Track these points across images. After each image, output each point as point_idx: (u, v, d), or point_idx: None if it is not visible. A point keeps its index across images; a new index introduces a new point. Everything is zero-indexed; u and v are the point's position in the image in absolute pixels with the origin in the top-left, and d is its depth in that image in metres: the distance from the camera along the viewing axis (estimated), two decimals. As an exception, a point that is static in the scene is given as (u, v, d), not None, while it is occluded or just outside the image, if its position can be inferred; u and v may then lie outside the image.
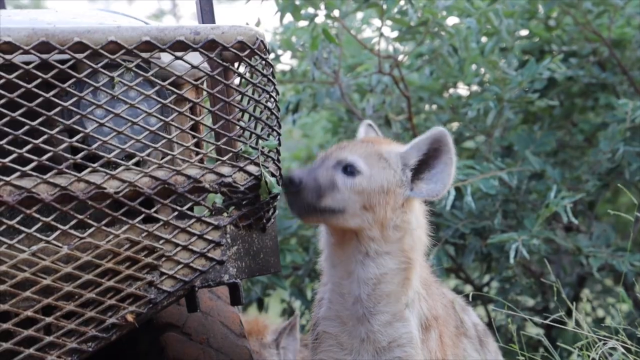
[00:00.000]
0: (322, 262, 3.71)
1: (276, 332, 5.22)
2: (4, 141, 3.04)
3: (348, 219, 3.46)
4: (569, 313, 4.35)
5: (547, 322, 4.07)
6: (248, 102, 3.68)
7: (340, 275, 3.56)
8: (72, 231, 3.18)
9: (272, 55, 6.36)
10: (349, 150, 3.54)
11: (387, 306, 3.52)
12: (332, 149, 3.62)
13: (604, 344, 3.76)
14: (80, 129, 3.21)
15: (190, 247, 3.42)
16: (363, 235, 3.48)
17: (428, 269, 3.77)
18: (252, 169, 3.56)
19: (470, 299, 4.28)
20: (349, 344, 3.59)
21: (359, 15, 6.96)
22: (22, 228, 3.08)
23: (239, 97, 3.64)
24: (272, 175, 3.62)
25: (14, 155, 3.05)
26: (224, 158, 3.52)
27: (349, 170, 3.46)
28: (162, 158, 3.41)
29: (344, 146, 3.60)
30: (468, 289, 6.66)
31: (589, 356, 3.75)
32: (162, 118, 3.37)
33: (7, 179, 3.04)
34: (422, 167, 3.52)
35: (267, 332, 5.23)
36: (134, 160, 3.31)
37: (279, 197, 3.68)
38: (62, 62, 3.16)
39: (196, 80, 3.53)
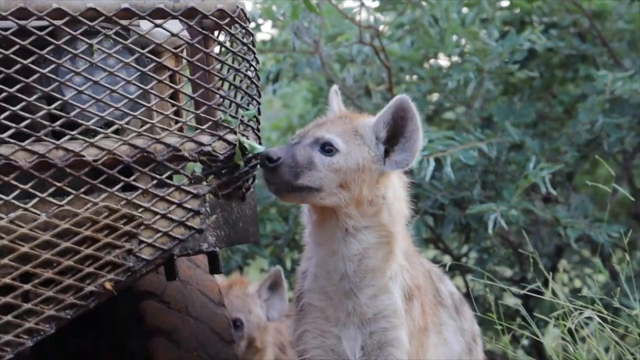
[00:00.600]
0: (306, 237, 3.73)
1: (258, 285, 5.30)
2: (-18, 108, 3.02)
3: (325, 197, 3.46)
4: (546, 284, 4.38)
5: (524, 292, 4.09)
6: (228, 71, 3.67)
7: (325, 252, 3.57)
8: (50, 199, 3.17)
9: (252, 24, 6.34)
10: (327, 128, 3.53)
11: (372, 280, 3.55)
12: (310, 126, 3.61)
13: (580, 313, 3.79)
14: (59, 96, 3.20)
15: (169, 215, 3.42)
16: (340, 213, 3.49)
17: (409, 240, 3.79)
18: (231, 137, 3.56)
19: (448, 269, 4.30)
20: (335, 316, 3.62)
21: (340, -16, 6.94)
22: (0, 195, 3.07)
23: (218, 66, 3.63)
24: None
25: (-8, 122, 3.03)
26: (204, 127, 3.51)
27: (327, 148, 3.45)
28: (141, 126, 3.40)
29: (321, 123, 3.59)
30: (447, 259, 6.69)
31: (565, 325, 3.78)
32: (142, 86, 3.36)
33: (-15, 146, 3.02)
34: (392, 139, 3.51)
35: (250, 285, 5.30)
36: (112, 128, 3.30)
37: (257, 165, 3.68)
38: (41, 28, 3.14)
39: (176, 48, 3.51)
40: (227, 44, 3.64)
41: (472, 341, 4.26)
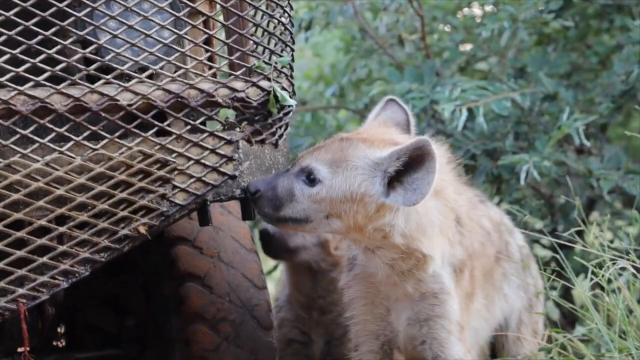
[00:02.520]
0: None
1: None
2: (18, 50, 3.03)
3: (316, 227, 3.43)
4: (578, 235, 4.36)
5: (560, 241, 4.07)
6: (262, 17, 3.65)
7: (365, 258, 3.62)
8: (85, 142, 3.19)
9: (285, -28, 6.30)
10: (317, 155, 3.44)
11: (412, 276, 3.53)
12: (303, 153, 3.54)
13: (614, 263, 3.77)
14: (94, 40, 3.20)
15: (202, 161, 3.43)
16: (348, 238, 3.51)
17: (463, 206, 3.70)
18: (265, 84, 3.55)
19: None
20: (387, 293, 3.65)
21: None
22: (36, 138, 3.10)
23: (252, 12, 3.61)
24: (284, 89, 3.60)
25: (28, 65, 3.04)
26: (237, 73, 3.50)
27: (311, 177, 3.38)
28: (175, 71, 3.40)
29: (316, 148, 3.51)
30: (477, 210, 6.66)
31: (603, 275, 3.76)
32: (176, 31, 3.35)
33: (21, 88, 3.03)
34: (403, 172, 3.33)
35: None
36: (147, 73, 3.30)
37: (291, 112, 3.68)
38: (76, -28, 3.14)
39: (210, -7, 3.50)
40: (262, -10, 3.62)
41: (534, 297, 4.26)
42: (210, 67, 3.52)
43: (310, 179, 3.38)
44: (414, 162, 3.29)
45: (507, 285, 4.02)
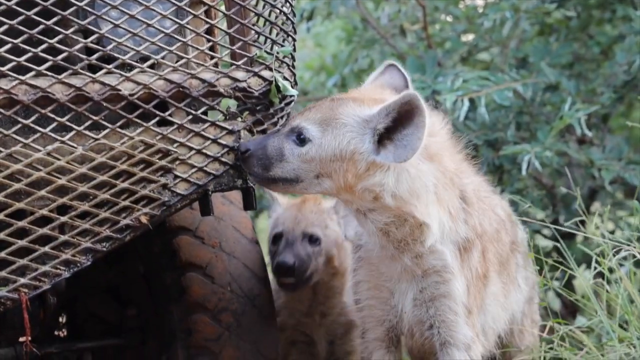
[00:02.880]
0: None
1: (335, 201, 4.83)
2: (19, 40, 3.03)
3: (306, 187, 3.41)
4: (579, 225, 4.36)
5: (564, 228, 4.06)
6: (263, 7, 3.64)
7: (358, 223, 3.60)
8: (86, 132, 3.19)
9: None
10: (307, 115, 3.42)
11: (409, 247, 3.49)
12: (295, 114, 3.53)
13: (616, 253, 3.77)
14: (95, 29, 3.20)
15: (204, 151, 3.43)
16: (339, 198, 3.48)
17: (470, 185, 3.66)
18: (266, 74, 3.55)
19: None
20: (388, 273, 3.63)
21: None
22: (37, 127, 3.10)
23: (254, 1, 3.61)
24: (286, 79, 3.60)
25: (29, 55, 3.05)
26: (239, 62, 3.50)
27: (301, 137, 3.36)
28: (177, 61, 3.40)
29: (303, 110, 3.48)
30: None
31: (604, 263, 3.76)
32: (177, 21, 3.35)
33: (23, 78, 3.04)
34: (392, 129, 3.31)
35: (324, 201, 4.89)
36: (148, 63, 3.30)
37: (293, 102, 3.67)
38: (77, -39, 3.14)
39: (212, -17, 3.50)
40: (263, -21, 3.62)
41: (532, 289, 4.25)
42: (212, 57, 3.51)
43: (300, 139, 3.36)
44: (403, 118, 3.28)
45: (520, 276, 4.01)
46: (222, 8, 3.62)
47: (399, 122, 3.29)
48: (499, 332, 3.92)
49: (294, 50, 3.76)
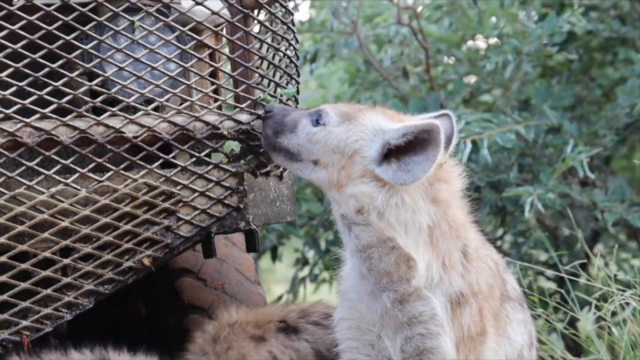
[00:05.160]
0: None
1: None
2: (24, 82, 3.05)
3: (302, 169, 3.35)
4: (582, 267, 4.36)
5: (565, 270, 4.05)
6: (267, 50, 3.67)
7: (341, 235, 3.43)
8: (90, 174, 3.20)
9: (291, 4, 6.34)
10: (335, 105, 3.40)
11: (392, 285, 3.33)
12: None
13: (619, 296, 3.76)
14: (100, 72, 3.22)
15: (207, 193, 3.44)
16: (328, 196, 3.37)
17: (474, 241, 3.50)
18: (270, 117, 3.56)
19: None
20: (370, 315, 3.42)
21: (379, -35, 6.93)
22: (41, 170, 3.11)
23: (258, 45, 3.63)
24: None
25: (34, 97, 3.06)
26: (243, 105, 3.52)
27: (318, 119, 3.33)
28: (181, 104, 3.42)
29: (340, 102, 3.47)
30: (482, 242, 6.66)
31: (605, 307, 3.74)
32: (182, 64, 3.37)
33: (27, 120, 3.05)
34: (404, 150, 3.21)
35: None
36: (152, 105, 3.32)
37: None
38: (83, 4, 3.16)
39: (216, 26, 3.52)
40: (267, 23, 3.65)
41: (532, 332, 4.16)
42: (216, 100, 3.53)
43: (315, 120, 3.33)
44: (417, 144, 3.20)
45: (510, 328, 3.90)
46: (227, 51, 3.65)
47: (412, 146, 3.21)
48: None
49: (297, 92, 3.78)
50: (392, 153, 3.23)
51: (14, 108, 3.04)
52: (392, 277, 3.32)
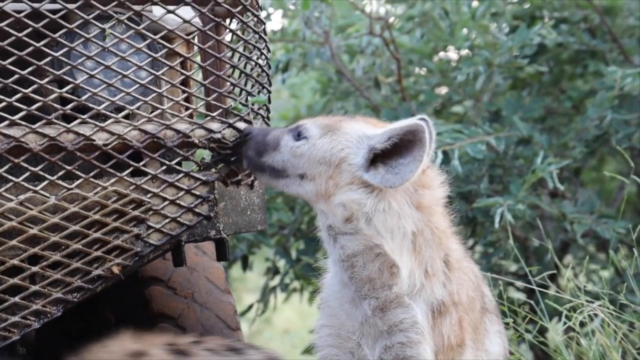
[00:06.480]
0: None
1: None
2: (-6, 89, 3.03)
3: (289, 184, 3.33)
4: (551, 279, 4.38)
5: (534, 281, 4.06)
6: (239, 59, 3.67)
7: (326, 246, 3.42)
8: (60, 182, 3.18)
9: (263, 14, 6.34)
10: (314, 119, 3.39)
11: (374, 292, 3.31)
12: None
13: (588, 307, 3.78)
14: (70, 79, 3.21)
15: (177, 201, 3.43)
16: (316, 209, 3.35)
17: (456, 252, 3.46)
18: (241, 125, 3.55)
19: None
20: (350, 324, 3.40)
21: (351, -25, 6.95)
22: (10, 177, 3.09)
23: (230, 54, 3.63)
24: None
25: (3, 104, 3.05)
26: (214, 114, 3.51)
27: (299, 134, 3.31)
28: (152, 112, 3.40)
29: (318, 116, 3.43)
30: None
31: (575, 318, 3.76)
32: (153, 72, 3.36)
33: (-4, 127, 3.03)
34: (390, 154, 3.22)
35: None
36: (123, 113, 3.30)
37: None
38: (54, 11, 3.14)
39: (187, 35, 3.52)
40: (239, 32, 3.64)
41: (506, 342, 4.16)
42: (187, 108, 3.53)
43: (297, 135, 3.32)
44: (403, 146, 3.19)
45: (488, 340, 3.90)
46: (198, 59, 3.64)
47: (398, 149, 3.20)
48: None
49: (269, 101, 3.78)
50: (378, 158, 3.23)
51: (-17, 115, 3.03)
52: (375, 284, 3.30)
